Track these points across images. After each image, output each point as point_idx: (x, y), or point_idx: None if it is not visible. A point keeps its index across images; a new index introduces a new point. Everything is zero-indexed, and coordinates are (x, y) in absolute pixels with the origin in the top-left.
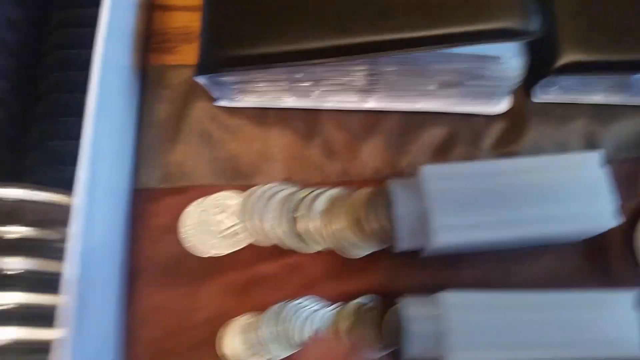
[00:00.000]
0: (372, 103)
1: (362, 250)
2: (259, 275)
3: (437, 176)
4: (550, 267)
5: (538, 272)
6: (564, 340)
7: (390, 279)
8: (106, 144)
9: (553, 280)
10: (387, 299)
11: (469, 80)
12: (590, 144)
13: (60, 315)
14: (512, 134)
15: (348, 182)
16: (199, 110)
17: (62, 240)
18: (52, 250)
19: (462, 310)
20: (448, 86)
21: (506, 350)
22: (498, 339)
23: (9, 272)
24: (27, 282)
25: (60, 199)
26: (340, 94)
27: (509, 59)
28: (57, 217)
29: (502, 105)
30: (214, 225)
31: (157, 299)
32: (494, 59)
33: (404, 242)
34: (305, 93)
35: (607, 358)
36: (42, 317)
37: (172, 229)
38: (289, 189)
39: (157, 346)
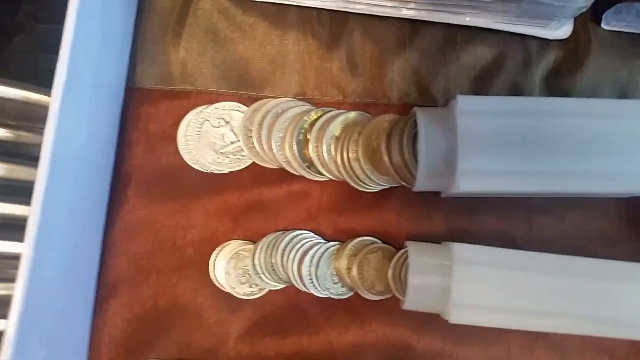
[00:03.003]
0: (410, 11)
1: (375, 184)
2: (259, 199)
3: (473, 110)
4: (581, 224)
5: (566, 227)
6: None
7: (401, 219)
8: (96, 32)
9: (581, 238)
10: (394, 241)
11: None
12: None
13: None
14: (569, 64)
15: (369, 104)
16: (207, 1)
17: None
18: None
19: (470, 265)
20: (506, 0)
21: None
22: (506, 301)
23: None
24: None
25: (40, 97)
26: None
27: None
28: (39, 117)
29: (563, 30)
30: (216, 138)
31: (146, 212)
32: None
33: (424, 181)
34: None
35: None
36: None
37: (169, 136)
38: (301, 107)
39: (143, 262)
